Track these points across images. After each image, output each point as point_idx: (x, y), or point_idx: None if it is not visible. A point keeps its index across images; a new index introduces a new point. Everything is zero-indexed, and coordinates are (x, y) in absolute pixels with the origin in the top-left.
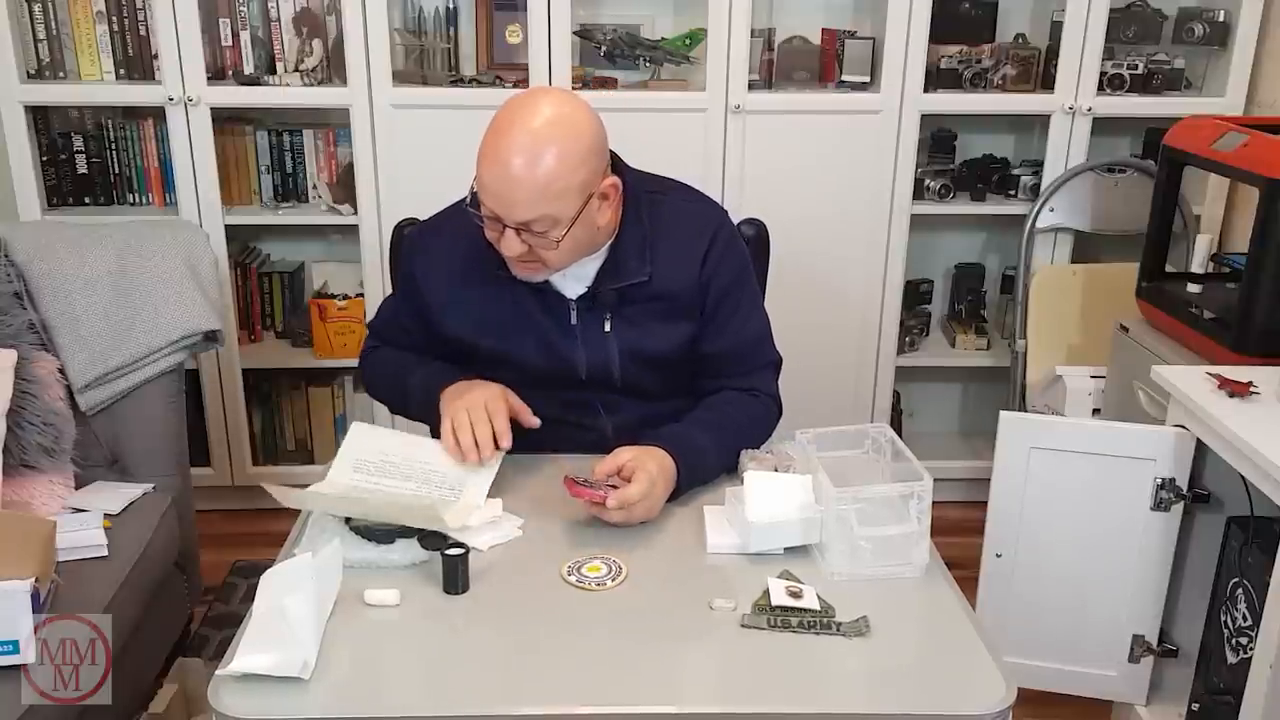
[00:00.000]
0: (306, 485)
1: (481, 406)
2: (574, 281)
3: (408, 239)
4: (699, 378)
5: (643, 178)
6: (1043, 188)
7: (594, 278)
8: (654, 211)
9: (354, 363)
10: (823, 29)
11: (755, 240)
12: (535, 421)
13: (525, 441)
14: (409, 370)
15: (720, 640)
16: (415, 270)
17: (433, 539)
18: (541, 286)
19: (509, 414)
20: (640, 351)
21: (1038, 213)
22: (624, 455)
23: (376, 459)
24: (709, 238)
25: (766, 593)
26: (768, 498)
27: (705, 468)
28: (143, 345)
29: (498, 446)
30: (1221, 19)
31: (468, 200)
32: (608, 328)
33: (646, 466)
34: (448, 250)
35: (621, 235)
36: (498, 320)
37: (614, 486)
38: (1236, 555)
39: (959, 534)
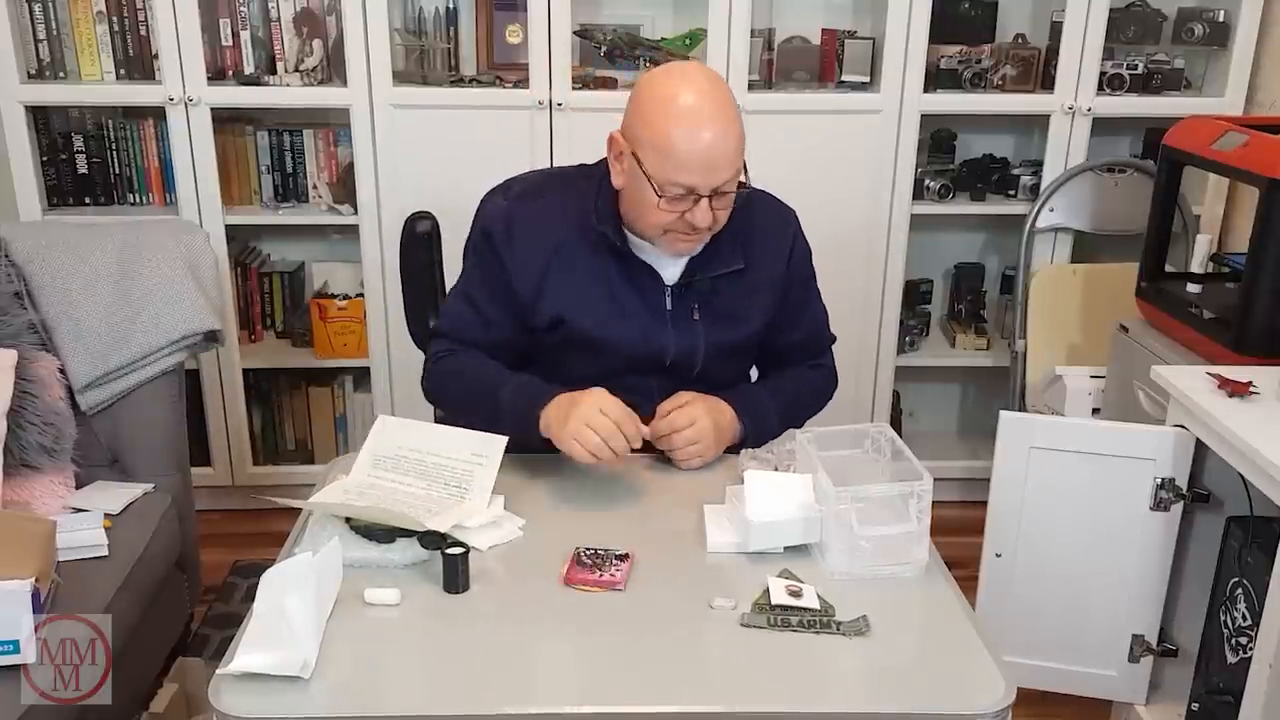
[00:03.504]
0: (306, 486)
1: (598, 414)
2: (671, 266)
3: (489, 221)
4: (772, 362)
5: None
6: (1043, 188)
7: (686, 265)
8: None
9: (354, 362)
10: (823, 29)
11: None
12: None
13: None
14: (498, 383)
15: (720, 639)
16: (502, 253)
17: (433, 538)
18: (640, 267)
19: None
20: (724, 341)
21: (1038, 213)
22: (667, 405)
23: (393, 454)
24: (792, 228)
25: (766, 592)
26: (767, 497)
27: (763, 410)
28: (143, 345)
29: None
30: (1221, 19)
31: (655, 190)
32: (696, 316)
33: (684, 402)
34: (539, 228)
35: None
36: (595, 300)
37: (621, 557)
38: (1236, 555)
39: (959, 534)
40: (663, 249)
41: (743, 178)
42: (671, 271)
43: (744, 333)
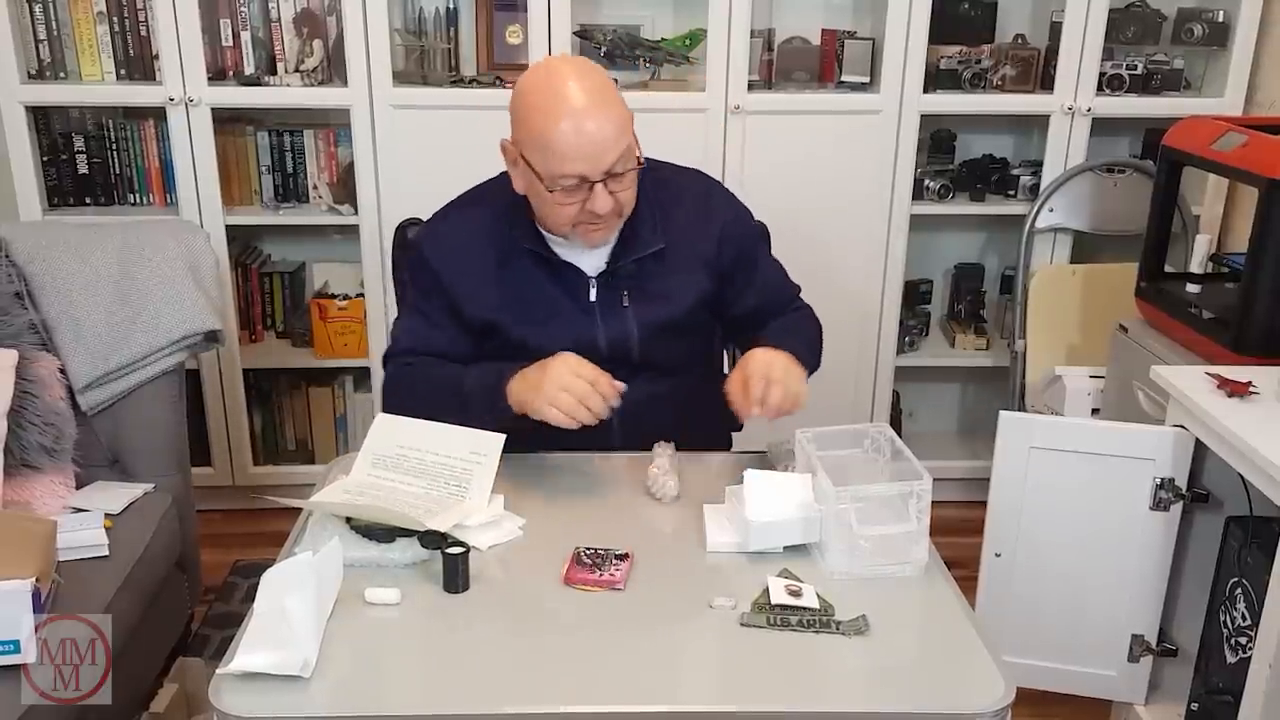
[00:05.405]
0: (306, 486)
1: (571, 375)
2: (592, 258)
3: (419, 238)
4: (742, 331)
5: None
6: (1042, 188)
7: (610, 254)
8: (656, 183)
9: (355, 362)
10: (822, 29)
11: None
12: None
13: (527, 429)
14: (459, 373)
15: (720, 639)
16: (434, 263)
17: (433, 538)
18: (560, 265)
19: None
20: (658, 321)
21: (1037, 213)
22: (734, 382)
23: (393, 453)
24: (712, 196)
25: (766, 591)
26: (767, 496)
27: (787, 343)
28: (143, 345)
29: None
30: (1221, 19)
31: (546, 186)
32: (625, 303)
33: (748, 366)
34: (461, 238)
35: (634, 209)
36: (519, 301)
37: (621, 557)
38: (1236, 555)
39: (959, 534)
40: (580, 242)
41: (637, 153)
42: (593, 263)
43: (676, 310)
